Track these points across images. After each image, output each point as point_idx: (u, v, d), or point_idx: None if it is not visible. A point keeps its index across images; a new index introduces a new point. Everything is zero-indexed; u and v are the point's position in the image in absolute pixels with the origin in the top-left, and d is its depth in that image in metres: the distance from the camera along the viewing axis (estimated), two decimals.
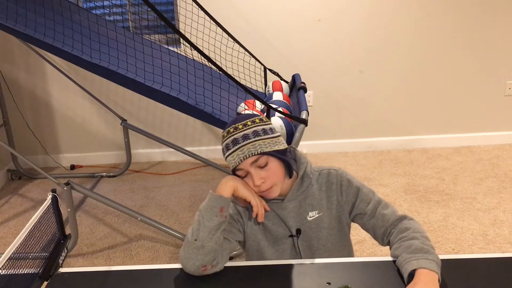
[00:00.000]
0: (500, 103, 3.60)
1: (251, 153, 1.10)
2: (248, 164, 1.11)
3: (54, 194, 1.18)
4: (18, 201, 3.08)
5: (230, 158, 1.12)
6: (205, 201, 1.12)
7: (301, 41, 3.38)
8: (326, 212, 1.23)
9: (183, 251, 1.09)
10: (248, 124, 1.13)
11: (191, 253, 1.06)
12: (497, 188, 2.91)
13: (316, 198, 1.22)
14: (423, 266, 0.99)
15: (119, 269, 1.12)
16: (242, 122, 1.13)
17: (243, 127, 1.12)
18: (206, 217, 1.09)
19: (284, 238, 1.23)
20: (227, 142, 1.13)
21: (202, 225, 1.08)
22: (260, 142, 1.11)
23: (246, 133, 1.11)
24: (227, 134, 1.13)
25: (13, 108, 3.47)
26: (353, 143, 3.69)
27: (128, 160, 3.45)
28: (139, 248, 2.45)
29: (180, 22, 3.23)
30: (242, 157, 1.10)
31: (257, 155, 1.10)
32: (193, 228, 1.09)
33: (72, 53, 1.94)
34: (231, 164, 1.13)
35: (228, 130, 1.14)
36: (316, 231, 1.23)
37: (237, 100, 2.41)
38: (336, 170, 1.25)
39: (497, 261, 1.09)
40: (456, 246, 2.32)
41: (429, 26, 3.36)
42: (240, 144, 1.10)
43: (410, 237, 1.09)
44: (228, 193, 1.12)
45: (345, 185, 1.23)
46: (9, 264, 0.95)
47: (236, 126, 1.13)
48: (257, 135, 1.11)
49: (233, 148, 1.11)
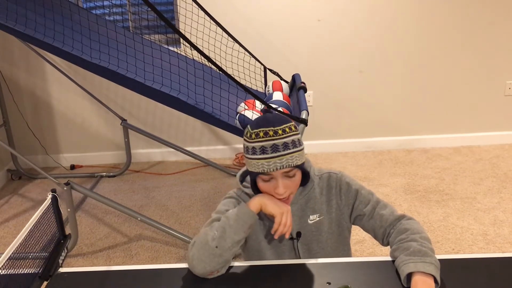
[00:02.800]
0: (500, 103, 3.60)
1: (288, 164, 1.08)
2: (280, 172, 1.10)
3: (54, 194, 1.18)
4: (18, 201, 3.08)
5: (264, 162, 1.08)
6: (234, 212, 1.10)
7: (301, 41, 3.38)
8: (326, 216, 1.24)
9: (197, 252, 1.06)
10: (286, 131, 1.09)
11: (207, 258, 1.05)
12: (497, 188, 2.91)
13: (317, 201, 1.23)
14: (421, 269, 0.99)
15: (119, 269, 1.12)
16: (280, 127, 1.09)
17: (282, 134, 1.08)
18: (234, 229, 1.08)
19: (284, 240, 1.23)
20: (264, 145, 1.08)
21: (228, 235, 1.07)
22: (296, 155, 1.09)
23: (286, 142, 1.08)
24: (265, 136, 1.08)
25: (13, 108, 3.47)
26: (353, 143, 3.69)
27: (128, 160, 3.45)
28: (139, 248, 2.45)
29: (180, 22, 3.23)
30: (279, 166, 1.08)
31: (292, 167, 1.09)
32: (216, 234, 1.07)
33: (72, 53, 1.94)
34: (261, 168, 1.09)
35: (266, 132, 1.08)
36: (316, 235, 1.23)
37: (237, 100, 2.41)
38: (336, 174, 1.25)
39: (497, 261, 1.09)
40: (456, 246, 2.32)
41: (429, 26, 3.36)
42: (280, 152, 1.07)
43: (409, 238, 1.09)
44: (256, 209, 1.11)
45: (344, 189, 1.23)
46: (9, 264, 0.95)
47: (276, 131, 1.08)
48: (294, 146, 1.10)
49: (271, 154, 1.07)
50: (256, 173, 1.11)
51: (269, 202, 1.11)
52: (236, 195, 1.25)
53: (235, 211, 1.11)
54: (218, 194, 3.05)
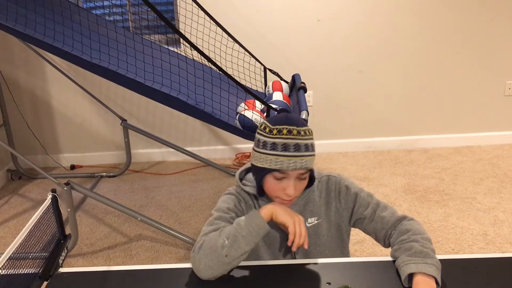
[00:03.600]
0: (500, 103, 3.60)
1: (307, 166, 1.08)
2: (296, 173, 1.09)
3: (54, 194, 1.18)
4: (18, 201, 3.08)
5: (285, 160, 1.07)
6: (247, 221, 1.07)
7: (301, 41, 3.38)
8: (325, 219, 1.23)
9: (205, 258, 1.04)
10: (307, 133, 1.10)
11: (215, 265, 1.03)
12: (497, 188, 2.91)
13: (316, 204, 1.22)
14: (422, 270, 0.99)
15: (119, 269, 1.12)
16: (303, 128, 1.09)
17: (304, 135, 1.09)
18: (246, 240, 1.05)
19: (282, 241, 1.22)
20: (287, 143, 1.07)
21: (238, 245, 1.04)
22: (312, 158, 1.10)
23: (307, 144, 1.09)
24: (289, 134, 1.07)
25: (13, 108, 3.47)
26: (353, 143, 3.69)
27: (128, 160, 3.45)
28: (139, 248, 2.45)
29: (180, 22, 3.23)
30: (299, 166, 1.07)
31: (308, 169, 1.10)
32: (226, 243, 1.04)
33: (72, 53, 1.94)
34: (280, 165, 1.07)
35: (290, 130, 1.08)
36: (314, 238, 1.23)
37: (237, 100, 2.41)
38: (335, 177, 1.25)
39: (497, 261, 1.09)
40: (456, 246, 2.32)
41: (429, 26, 3.36)
42: (302, 153, 1.07)
43: (410, 239, 1.09)
44: (267, 217, 1.09)
45: (343, 192, 1.23)
46: (9, 264, 0.95)
47: (299, 131, 1.08)
48: (312, 150, 1.11)
49: (293, 152, 1.07)
50: (269, 170, 1.09)
51: (280, 211, 1.10)
52: (236, 192, 1.23)
53: (248, 220, 1.07)
54: (218, 194, 3.05)
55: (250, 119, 2.08)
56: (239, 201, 1.21)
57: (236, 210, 1.19)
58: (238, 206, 1.20)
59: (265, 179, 1.13)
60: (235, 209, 1.19)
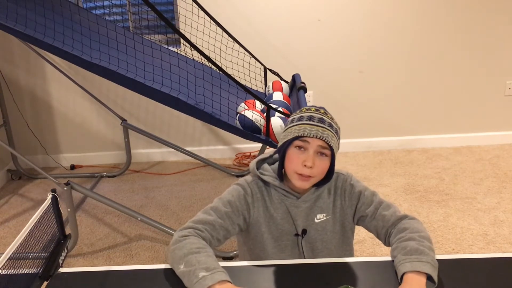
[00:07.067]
0: (500, 103, 3.60)
1: (327, 139, 1.13)
2: (316, 144, 1.13)
3: (54, 194, 1.18)
4: (18, 201, 3.08)
5: (307, 127, 1.13)
6: (194, 280, 0.97)
7: (301, 41, 3.38)
8: (332, 215, 1.25)
9: (170, 259, 1.07)
10: (333, 119, 1.19)
11: (174, 268, 1.07)
12: (497, 188, 2.91)
13: (325, 201, 1.24)
14: (417, 268, 0.99)
15: (119, 269, 1.12)
16: (329, 115, 1.19)
17: (331, 119, 1.18)
18: (187, 283, 1.00)
19: (288, 235, 1.23)
20: (313, 115, 1.16)
21: (187, 279, 0.99)
22: (335, 139, 1.16)
23: (331, 123, 1.16)
24: (316, 111, 1.18)
25: (13, 108, 3.47)
26: (353, 143, 3.69)
27: (128, 160, 3.45)
28: (139, 248, 2.45)
29: (180, 22, 3.23)
30: (319, 135, 1.12)
31: (328, 145, 1.13)
32: (181, 267, 1.02)
33: (72, 53, 1.94)
34: (303, 131, 1.13)
35: (317, 109, 1.19)
36: (321, 234, 1.24)
37: (237, 100, 2.41)
38: (344, 175, 1.27)
39: (497, 261, 1.09)
40: (456, 246, 2.32)
41: (429, 26, 3.36)
42: (325, 126, 1.14)
43: (407, 237, 1.09)
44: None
45: (348, 190, 1.25)
46: (9, 264, 0.95)
47: (326, 112, 1.19)
48: (336, 133, 1.18)
49: (317, 123, 1.14)
50: (293, 138, 1.14)
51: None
52: (246, 183, 1.23)
53: (194, 282, 0.97)
54: (218, 194, 3.03)
55: (250, 119, 2.08)
56: (245, 196, 1.21)
57: (237, 205, 1.20)
58: (242, 201, 1.21)
59: (287, 153, 1.17)
60: (236, 203, 1.20)
